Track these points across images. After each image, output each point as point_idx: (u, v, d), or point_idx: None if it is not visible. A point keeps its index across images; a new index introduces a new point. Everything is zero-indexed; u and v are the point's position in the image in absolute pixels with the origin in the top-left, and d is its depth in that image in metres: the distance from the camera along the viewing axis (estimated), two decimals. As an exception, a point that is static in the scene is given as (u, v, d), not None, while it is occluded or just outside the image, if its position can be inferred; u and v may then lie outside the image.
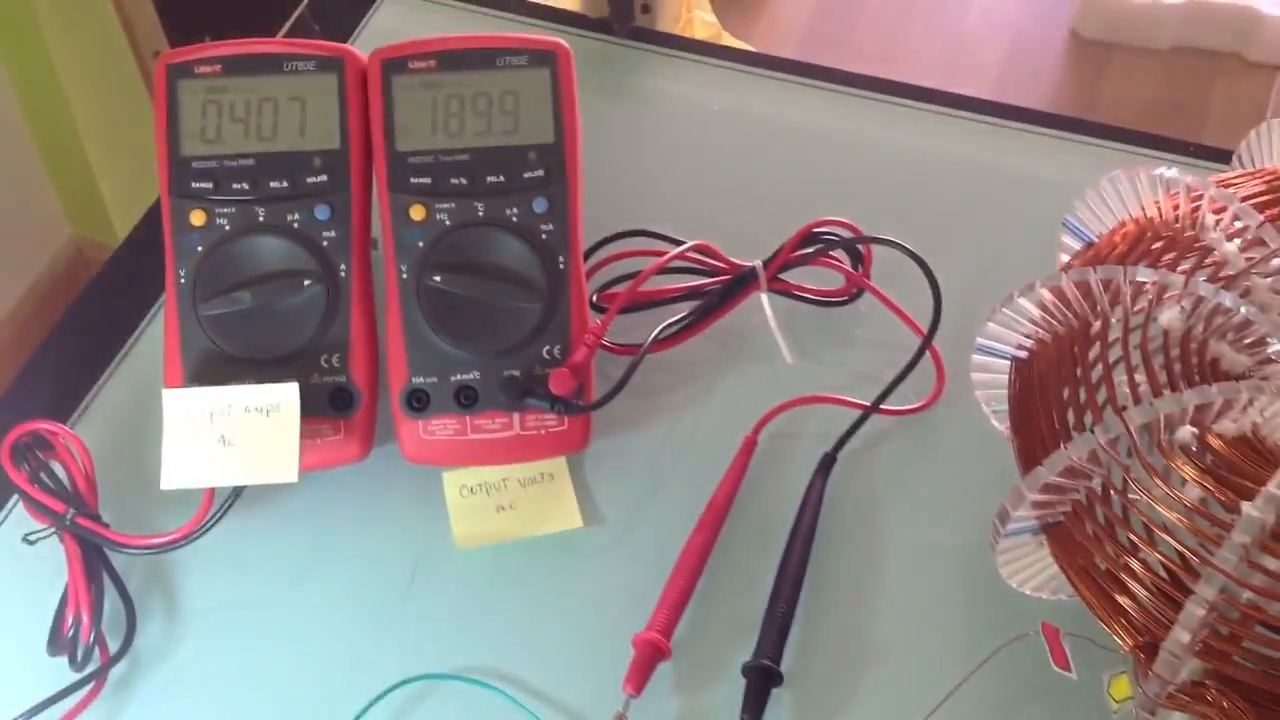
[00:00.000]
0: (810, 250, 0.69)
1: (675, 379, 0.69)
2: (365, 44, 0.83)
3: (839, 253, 0.69)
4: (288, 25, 0.85)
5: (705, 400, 0.68)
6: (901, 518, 0.64)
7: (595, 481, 0.65)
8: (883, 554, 0.63)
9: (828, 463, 0.64)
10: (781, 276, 0.69)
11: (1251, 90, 1.96)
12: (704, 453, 0.66)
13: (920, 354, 0.67)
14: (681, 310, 0.68)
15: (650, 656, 0.58)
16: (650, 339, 0.65)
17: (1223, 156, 0.69)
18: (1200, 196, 0.57)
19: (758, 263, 0.68)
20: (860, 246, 0.69)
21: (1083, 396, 0.55)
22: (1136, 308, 0.55)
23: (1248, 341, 0.54)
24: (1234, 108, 1.95)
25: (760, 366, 0.69)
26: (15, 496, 0.63)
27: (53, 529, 0.59)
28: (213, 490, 0.60)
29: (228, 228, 0.63)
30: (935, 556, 0.62)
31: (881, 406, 0.66)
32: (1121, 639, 0.52)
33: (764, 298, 0.69)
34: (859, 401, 0.66)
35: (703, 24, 1.36)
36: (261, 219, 0.63)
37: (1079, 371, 0.55)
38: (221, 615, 0.61)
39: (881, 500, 0.64)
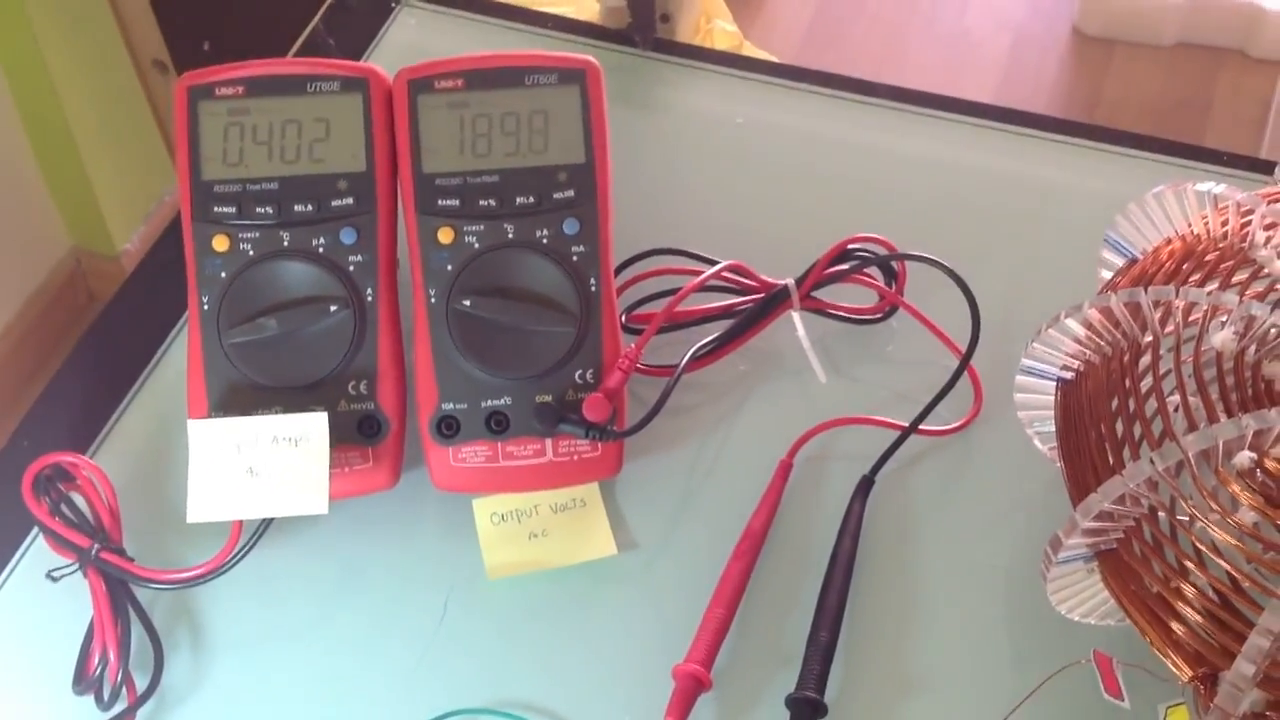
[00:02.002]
0: (844, 268, 0.68)
1: (706, 398, 0.68)
2: (381, 58, 0.82)
3: (873, 270, 0.68)
4: (300, 41, 0.84)
5: (737, 420, 0.67)
6: (942, 541, 0.63)
7: (628, 506, 0.64)
8: (924, 579, 0.62)
9: (865, 486, 0.63)
10: (814, 294, 0.68)
11: (1255, 86, 1.95)
12: (737, 475, 0.65)
13: (959, 373, 0.65)
14: (712, 330, 0.67)
15: (691, 689, 0.57)
16: (685, 360, 0.64)
17: (1262, 167, 0.68)
18: (1250, 212, 0.56)
19: (790, 280, 0.67)
20: (894, 263, 0.68)
21: (1136, 423, 0.53)
22: (1188, 328, 0.54)
23: (1302, 362, 0.53)
24: (1237, 104, 1.94)
25: (793, 386, 0.68)
26: (35, 530, 0.61)
27: (76, 564, 0.58)
28: (241, 522, 0.59)
29: (252, 253, 0.62)
30: (979, 580, 0.61)
31: (920, 427, 0.65)
32: (1179, 669, 0.51)
33: (796, 316, 0.67)
34: (896, 422, 0.65)
35: (724, 34, 1.34)
36: (286, 244, 0.62)
37: (1130, 395, 0.54)
38: (250, 649, 0.60)
39: (921, 523, 0.63)
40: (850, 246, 0.68)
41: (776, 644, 0.59)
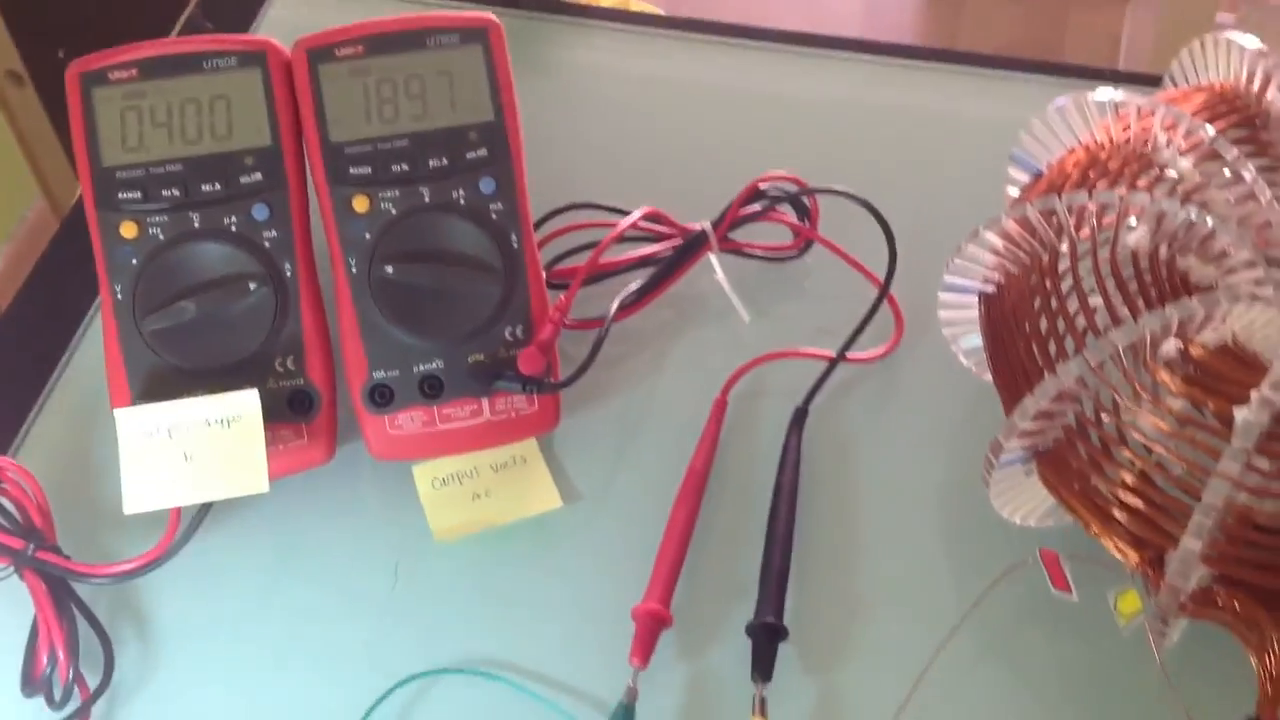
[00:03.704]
0: (757, 208, 0.68)
1: (635, 347, 0.68)
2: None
3: (786, 209, 0.69)
4: (179, 25, 0.82)
5: (667, 367, 0.68)
6: (879, 463, 0.64)
7: (568, 460, 0.64)
8: (867, 501, 0.63)
9: (800, 416, 0.64)
10: (731, 236, 0.68)
11: (1104, 22, 2.01)
12: (673, 419, 0.65)
13: (880, 300, 0.66)
14: (634, 280, 0.67)
15: (653, 627, 0.57)
16: (615, 307, 0.64)
17: (1152, 81, 0.70)
18: (1151, 115, 0.58)
19: (706, 224, 0.68)
20: (806, 199, 0.69)
21: (1061, 324, 0.55)
22: (1102, 232, 0.56)
23: (1212, 254, 0.55)
24: (1088, 40, 2.01)
25: (718, 329, 0.69)
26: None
27: (12, 567, 0.56)
28: (179, 510, 0.58)
29: (162, 237, 0.60)
30: (920, 497, 0.63)
31: (846, 355, 0.66)
32: (1126, 555, 0.53)
33: (715, 259, 0.68)
34: (823, 352, 0.66)
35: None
36: (197, 225, 0.60)
37: (1054, 299, 0.56)
38: (200, 636, 0.58)
39: (857, 448, 0.64)
40: (761, 186, 0.69)
41: (731, 577, 0.60)
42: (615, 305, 0.64)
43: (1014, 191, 0.64)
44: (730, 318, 0.68)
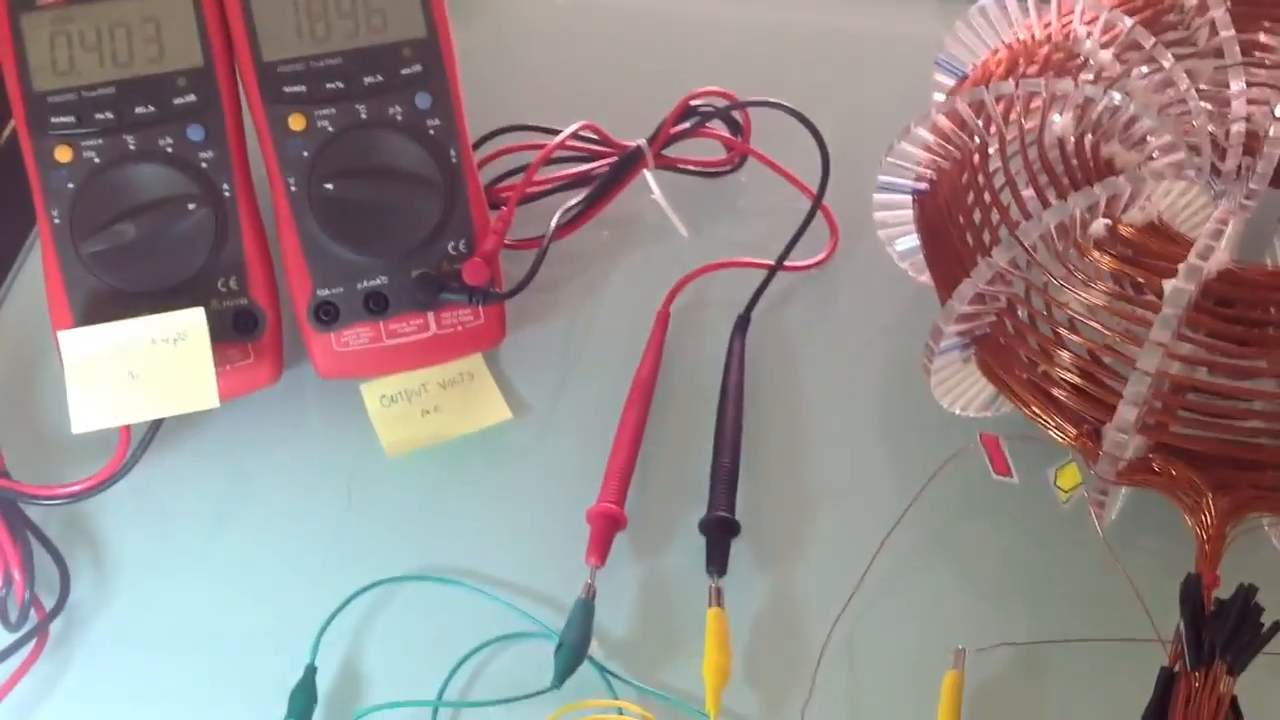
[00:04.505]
0: (687, 126, 0.69)
1: (575, 269, 0.68)
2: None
3: (718, 124, 0.70)
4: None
5: (609, 285, 0.68)
6: (821, 366, 0.65)
7: (515, 376, 0.64)
8: (810, 403, 0.64)
9: (743, 323, 0.65)
10: (665, 153, 0.69)
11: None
12: (617, 334, 0.66)
13: (815, 208, 0.68)
14: (569, 199, 0.67)
15: (607, 527, 0.58)
16: (554, 223, 0.65)
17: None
18: (1071, 11, 0.59)
19: (642, 141, 0.68)
20: (738, 114, 0.70)
21: (995, 215, 0.56)
22: (1029, 122, 0.57)
23: (1135, 139, 0.57)
24: None
25: (656, 246, 0.69)
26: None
27: (-40, 495, 0.56)
28: (129, 430, 0.57)
29: (98, 160, 0.60)
30: (862, 397, 0.64)
31: (784, 264, 0.67)
32: (1064, 431, 0.54)
33: (650, 176, 0.69)
34: (762, 261, 0.67)
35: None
36: (133, 147, 0.60)
37: (986, 192, 0.57)
38: (156, 557, 0.58)
39: (799, 353, 0.66)
40: (694, 103, 0.69)
41: (683, 479, 0.60)
42: (555, 221, 0.65)
43: (940, 97, 0.65)
44: (669, 235, 0.69)
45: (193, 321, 0.58)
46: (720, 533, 0.58)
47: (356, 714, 0.53)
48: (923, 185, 0.61)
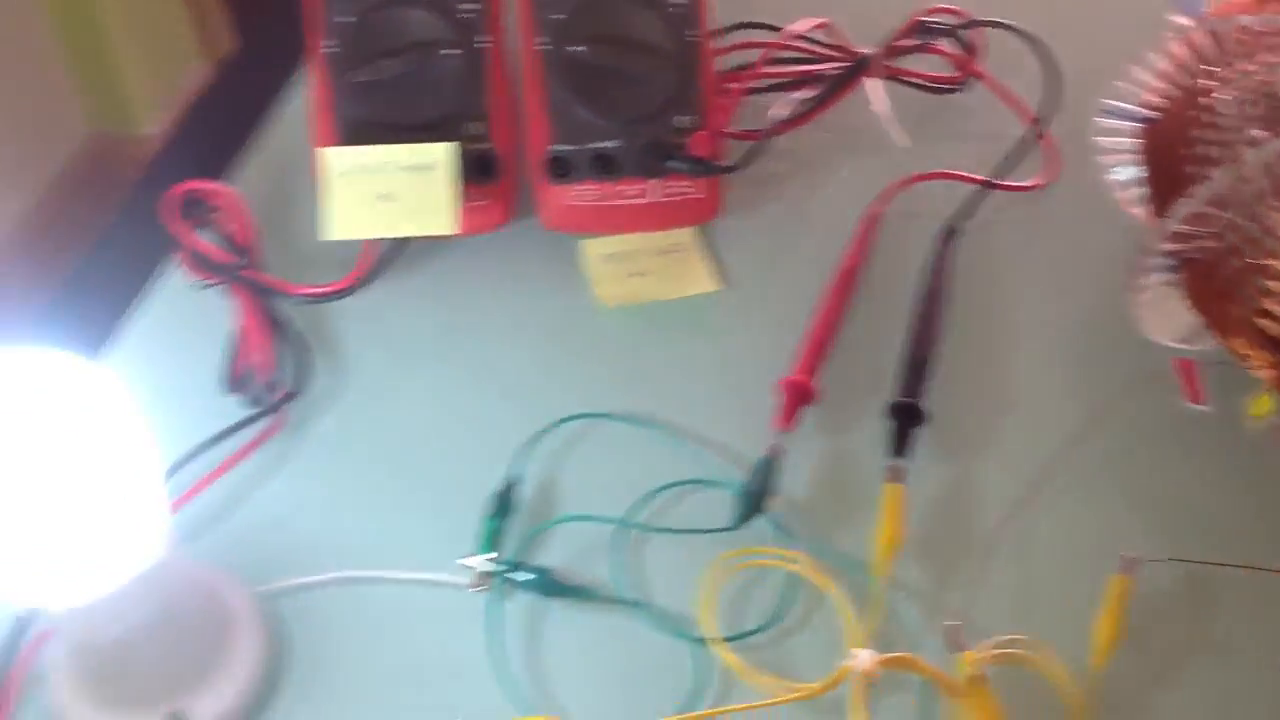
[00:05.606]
0: (916, 42, 0.71)
1: (792, 166, 0.71)
2: None
3: (948, 42, 0.72)
4: None
5: (823, 184, 0.71)
6: (1027, 283, 0.67)
7: (725, 254, 0.67)
8: (1010, 316, 0.65)
9: (950, 232, 0.67)
10: (891, 64, 0.71)
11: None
12: (827, 229, 0.68)
13: (1037, 130, 0.69)
14: (794, 97, 0.70)
15: (797, 396, 0.60)
16: (779, 115, 0.67)
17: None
18: (1328, -48, 0.59)
19: (870, 49, 0.71)
20: (969, 34, 0.71)
21: (1219, 149, 0.57)
22: (1270, 57, 0.58)
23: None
24: None
25: (874, 154, 0.71)
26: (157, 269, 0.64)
27: (223, 280, 0.61)
28: (373, 247, 0.62)
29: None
30: (1061, 319, 0.65)
31: (1000, 182, 0.68)
32: (1262, 361, 0.55)
33: (877, 84, 0.71)
34: (977, 177, 0.69)
35: None
36: (406, -8, 0.65)
37: (1213, 121, 0.58)
38: (384, 367, 0.63)
39: (1004, 269, 0.67)
40: (924, 19, 0.71)
41: (876, 368, 0.62)
42: (778, 114, 0.68)
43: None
44: (886, 146, 0.71)
45: (444, 153, 0.62)
46: (905, 418, 0.60)
47: (556, 519, 0.57)
48: (1153, 113, 0.62)
